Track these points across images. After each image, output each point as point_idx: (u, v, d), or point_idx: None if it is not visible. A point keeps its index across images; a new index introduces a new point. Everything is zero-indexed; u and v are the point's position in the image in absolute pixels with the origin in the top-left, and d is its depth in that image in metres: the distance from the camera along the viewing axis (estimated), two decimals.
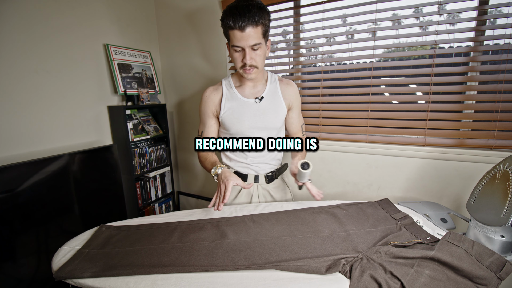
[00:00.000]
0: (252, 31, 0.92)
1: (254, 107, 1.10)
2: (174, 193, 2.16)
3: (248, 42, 0.93)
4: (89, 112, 1.68)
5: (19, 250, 1.24)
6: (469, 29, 1.21)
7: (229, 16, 0.91)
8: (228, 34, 0.97)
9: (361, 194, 1.53)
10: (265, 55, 1.02)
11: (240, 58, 0.98)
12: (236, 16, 0.89)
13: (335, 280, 0.65)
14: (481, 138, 1.24)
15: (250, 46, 0.95)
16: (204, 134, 1.17)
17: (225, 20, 0.93)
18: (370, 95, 1.44)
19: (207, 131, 1.16)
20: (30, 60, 1.37)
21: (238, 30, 0.91)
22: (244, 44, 0.94)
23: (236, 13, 0.90)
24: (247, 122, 1.09)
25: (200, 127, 1.19)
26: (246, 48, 0.95)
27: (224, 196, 0.91)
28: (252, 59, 0.97)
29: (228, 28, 0.94)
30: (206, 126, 1.16)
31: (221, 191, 0.94)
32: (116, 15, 1.80)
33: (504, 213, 0.73)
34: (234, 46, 0.96)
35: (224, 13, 0.94)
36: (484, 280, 0.62)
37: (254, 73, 1.01)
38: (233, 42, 0.95)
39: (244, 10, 0.90)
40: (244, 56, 0.96)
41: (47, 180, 1.32)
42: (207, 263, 0.71)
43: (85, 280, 0.68)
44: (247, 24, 0.90)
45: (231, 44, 0.97)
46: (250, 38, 0.93)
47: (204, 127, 1.17)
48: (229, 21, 0.91)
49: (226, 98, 1.11)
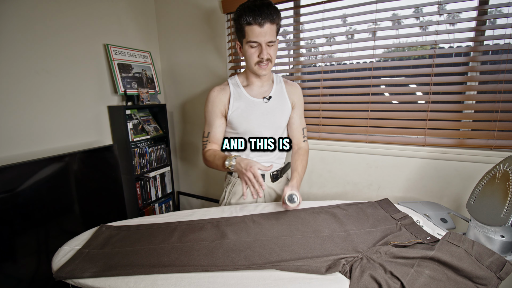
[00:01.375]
0: (270, 28, 0.97)
1: (262, 107, 1.11)
2: (174, 193, 2.16)
3: (265, 38, 0.98)
4: (89, 112, 1.68)
5: (19, 250, 1.24)
6: (469, 29, 1.21)
7: (248, 12, 0.95)
8: (243, 31, 0.99)
9: (361, 194, 1.53)
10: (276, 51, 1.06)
11: (256, 54, 1.01)
12: (256, 13, 0.94)
13: (335, 280, 0.65)
14: (481, 138, 1.24)
15: (266, 42, 0.99)
16: (211, 135, 1.15)
17: (244, 16, 0.96)
18: (370, 95, 1.44)
19: (215, 131, 1.14)
20: (30, 60, 1.37)
21: (258, 25, 0.95)
22: (262, 39, 0.97)
23: (255, 10, 0.94)
24: (255, 121, 1.11)
25: (206, 128, 1.17)
26: (263, 44, 0.98)
27: (260, 182, 0.93)
28: (267, 56, 1.01)
29: (245, 24, 0.97)
30: (214, 127, 1.14)
31: (252, 179, 0.94)
32: (116, 15, 1.80)
33: (504, 213, 0.73)
34: (251, 42, 0.99)
35: (241, 11, 0.97)
36: (484, 280, 0.62)
37: (269, 68, 1.05)
38: (250, 38, 0.98)
39: (263, 7, 0.95)
40: (261, 52, 1.00)
41: (47, 180, 1.32)
42: (207, 263, 0.71)
43: (85, 280, 0.68)
44: (266, 20, 0.95)
45: (247, 40, 1.00)
46: (267, 34, 0.97)
47: (211, 127, 1.15)
48: (248, 17, 0.95)
49: (234, 98, 1.11)
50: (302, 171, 1.15)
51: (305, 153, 1.21)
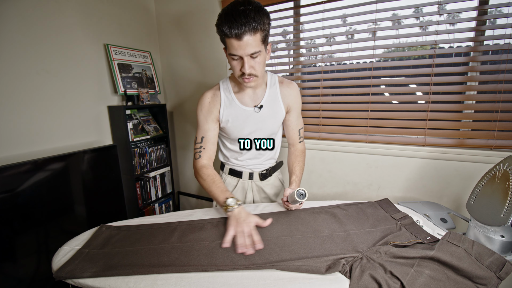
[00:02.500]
0: (251, 39, 0.83)
1: (254, 116, 1.06)
2: (174, 193, 2.16)
3: (246, 51, 0.85)
4: (89, 112, 1.68)
5: (19, 250, 1.24)
6: (469, 29, 1.21)
7: (224, 22, 0.82)
8: (224, 42, 0.88)
9: (361, 194, 1.53)
10: (265, 61, 0.94)
11: (239, 67, 0.90)
12: (232, 23, 0.80)
13: (335, 280, 0.65)
14: (481, 138, 1.24)
15: (248, 55, 0.86)
16: (206, 139, 1.07)
17: (220, 26, 0.84)
18: (370, 95, 1.44)
19: (209, 135, 1.07)
20: (30, 60, 1.37)
21: (235, 38, 0.82)
22: (242, 53, 0.85)
23: (232, 19, 0.81)
24: (246, 130, 1.08)
25: (198, 133, 1.08)
26: (244, 57, 0.86)
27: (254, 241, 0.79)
28: (251, 68, 0.89)
29: (224, 36, 0.85)
30: (210, 131, 1.07)
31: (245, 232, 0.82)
32: (116, 15, 1.80)
33: (504, 213, 0.73)
34: (231, 55, 0.88)
35: (219, 19, 0.84)
36: (484, 280, 0.62)
37: (254, 81, 0.94)
38: (230, 51, 0.87)
39: (240, 16, 0.80)
40: (243, 65, 0.88)
41: (47, 180, 1.32)
42: (207, 263, 0.71)
43: (85, 280, 0.68)
44: (244, 31, 0.81)
45: (228, 52, 0.89)
46: (248, 46, 0.84)
47: (205, 132, 1.07)
48: (224, 28, 0.82)
49: (225, 105, 1.05)
50: (300, 173, 1.14)
51: (302, 154, 1.18)
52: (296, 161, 1.16)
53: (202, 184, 1.04)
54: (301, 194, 0.95)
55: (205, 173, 1.03)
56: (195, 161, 1.08)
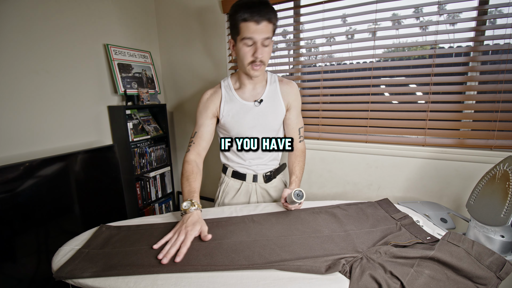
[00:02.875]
0: (266, 26, 0.94)
1: (254, 110, 1.09)
2: (174, 193, 2.16)
3: (261, 35, 0.94)
4: (89, 112, 1.68)
5: (19, 250, 1.24)
6: (469, 29, 1.21)
7: (244, 9, 0.92)
8: (238, 27, 0.95)
9: (361, 194, 1.53)
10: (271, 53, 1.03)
11: (251, 53, 0.97)
12: (253, 10, 0.91)
13: (335, 280, 0.65)
14: (481, 138, 1.24)
15: (262, 40, 0.95)
16: (198, 134, 1.10)
17: (240, 12, 0.92)
18: (370, 95, 1.44)
19: (203, 131, 1.10)
20: (30, 60, 1.37)
21: (254, 22, 0.92)
22: (257, 37, 0.94)
23: (252, 7, 0.92)
24: (246, 125, 1.09)
25: (195, 128, 1.13)
26: (258, 42, 0.95)
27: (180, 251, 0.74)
28: (262, 55, 0.97)
29: (241, 21, 0.93)
30: (203, 126, 1.10)
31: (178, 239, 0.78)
32: (116, 15, 1.80)
33: (504, 213, 0.73)
34: (246, 39, 0.95)
35: (238, 7, 0.94)
36: (484, 280, 0.62)
37: (261, 70, 1.02)
38: (245, 34, 0.94)
39: (260, 5, 0.93)
40: (256, 51, 0.96)
41: (47, 180, 1.32)
42: (207, 263, 0.71)
43: (85, 280, 0.68)
44: (263, 18, 0.92)
45: (241, 36, 0.95)
46: (264, 31, 0.94)
47: (199, 127, 1.10)
48: (244, 14, 0.92)
49: (225, 101, 1.09)
50: (300, 173, 1.14)
51: (302, 153, 1.19)
52: (296, 161, 1.16)
53: (183, 175, 1.04)
54: (298, 195, 0.96)
55: (185, 168, 1.05)
56: (185, 154, 1.10)
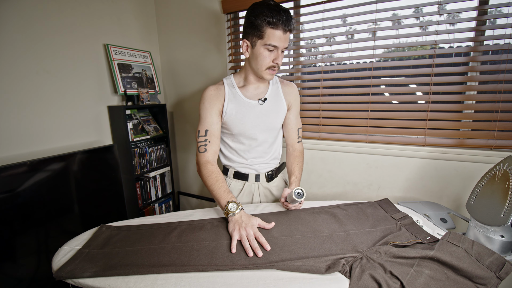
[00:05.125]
0: (289, 35, 0.97)
1: (257, 109, 1.09)
2: (174, 193, 2.16)
3: (284, 44, 0.97)
4: (89, 112, 1.68)
5: (19, 250, 1.24)
6: (469, 29, 1.21)
7: (273, 15, 0.91)
8: (262, 31, 0.93)
9: (361, 194, 1.53)
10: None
11: (271, 58, 0.98)
12: (281, 17, 0.91)
13: (335, 280, 0.65)
14: (481, 138, 1.24)
15: (283, 48, 0.98)
16: (209, 132, 1.05)
17: (267, 17, 0.91)
18: (370, 95, 1.44)
19: (214, 128, 1.06)
20: (30, 60, 1.37)
21: (282, 31, 0.93)
22: (281, 45, 0.96)
23: (282, 15, 0.91)
24: (249, 123, 1.08)
25: (201, 126, 1.06)
26: (280, 49, 0.97)
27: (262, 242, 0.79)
28: (281, 61, 1.01)
29: (268, 26, 0.92)
30: (214, 124, 1.06)
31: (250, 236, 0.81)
32: (116, 15, 1.80)
33: (503, 213, 0.73)
34: (270, 45, 0.95)
35: (263, 9, 0.92)
36: (483, 280, 0.62)
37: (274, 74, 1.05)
38: (271, 41, 0.94)
39: (288, 14, 0.93)
40: (277, 57, 0.98)
41: (47, 180, 1.32)
42: (207, 263, 0.71)
43: (85, 280, 0.68)
44: (290, 28, 0.94)
45: (265, 42, 0.95)
46: (287, 40, 0.97)
47: (210, 125, 1.05)
48: (273, 19, 0.91)
49: (229, 99, 1.07)
50: (299, 173, 1.14)
51: (300, 154, 1.19)
52: (295, 162, 1.16)
53: (205, 181, 1.01)
54: (299, 194, 0.96)
55: (210, 169, 1.01)
56: (200, 154, 1.05)
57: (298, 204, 1.01)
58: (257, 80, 1.10)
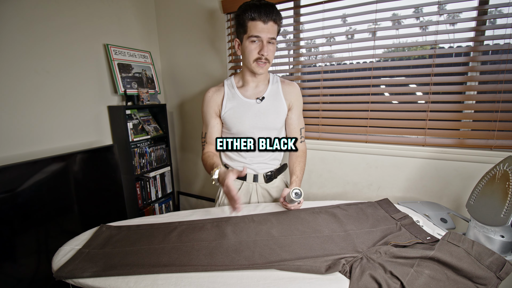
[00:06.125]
0: (272, 26, 1.00)
1: (255, 108, 1.10)
2: (174, 193, 2.16)
3: (267, 34, 1.00)
4: (89, 112, 1.68)
5: (19, 250, 1.24)
6: (469, 29, 1.21)
7: (253, 9, 0.98)
8: (245, 26, 1.01)
9: (361, 194, 1.53)
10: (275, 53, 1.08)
11: (257, 50, 1.02)
12: (261, 10, 0.97)
13: (335, 280, 0.65)
14: (481, 138, 1.24)
15: (268, 39, 1.00)
16: (208, 135, 1.16)
17: (248, 12, 0.98)
18: (370, 95, 1.44)
19: (211, 131, 1.16)
20: (30, 60, 1.37)
21: (261, 21, 0.98)
22: (264, 35, 1.00)
23: (261, 7, 0.98)
24: (247, 122, 1.09)
25: (203, 128, 1.19)
26: (264, 40, 1.00)
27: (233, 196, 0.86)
28: (267, 52, 1.02)
29: (249, 20, 0.99)
30: (210, 127, 1.16)
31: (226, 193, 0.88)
32: (116, 15, 1.80)
33: (503, 213, 0.73)
34: (252, 37, 1.00)
35: (246, 7, 1.00)
36: (483, 280, 0.62)
37: (266, 68, 1.06)
38: (252, 33, 1.00)
39: (268, 7, 0.99)
40: (262, 48, 1.01)
41: (47, 180, 1.32)
42: (207, 263, 0.71)
43: (85, 279, 0.68)
44: (270, 18, 0.99)
45: (248, 35, 1.01)
46: (270, 31, 1.00)
47: (207, 128, 1.16)
48: (252, 13, 0.98)
49: (228, 98, 1.12)
50: (300, 173, 1.14)
51: (303, 154, 1.19)
52: (297, 162, 1.16)
53: (204, 164, 1.12)
54: (297, 194, 0.96)
55: (204, 158, 1.13)
56: (202, 152, 1.18)
57: (297, 204, 1.01)
58: (253, 78, 1.11)
